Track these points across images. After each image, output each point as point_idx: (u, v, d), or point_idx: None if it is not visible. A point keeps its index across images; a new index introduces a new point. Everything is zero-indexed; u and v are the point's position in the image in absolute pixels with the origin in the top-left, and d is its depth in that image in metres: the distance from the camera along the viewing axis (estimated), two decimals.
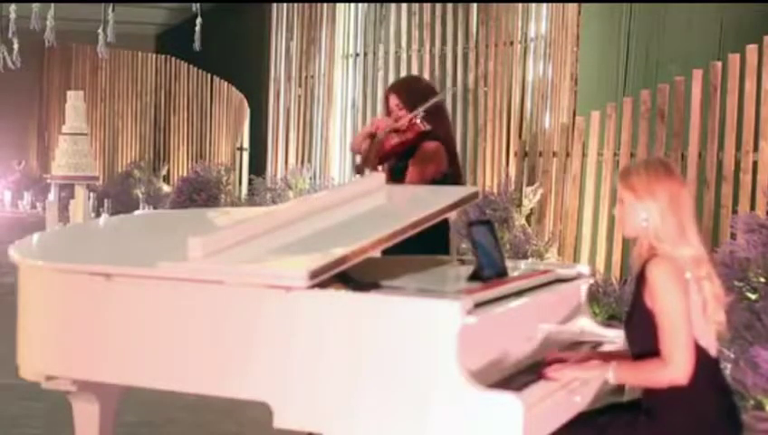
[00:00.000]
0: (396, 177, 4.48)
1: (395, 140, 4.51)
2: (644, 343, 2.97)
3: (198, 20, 12.58)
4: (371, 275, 3.17)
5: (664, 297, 2.89)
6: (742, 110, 7.30)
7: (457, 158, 4.71)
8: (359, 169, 4.62)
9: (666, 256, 2.94)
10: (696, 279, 2.97)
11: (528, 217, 8.47)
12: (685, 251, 2.96)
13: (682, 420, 2.94)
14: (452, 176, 4.50)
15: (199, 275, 3.00)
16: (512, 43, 10.58)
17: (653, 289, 2.92)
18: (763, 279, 5.96)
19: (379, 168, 4.61)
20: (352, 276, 3.06)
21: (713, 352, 3.02)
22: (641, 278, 2.98)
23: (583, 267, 3.73)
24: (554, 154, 8.55)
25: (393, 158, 4.56)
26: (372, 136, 4.54)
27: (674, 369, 2.88)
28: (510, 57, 10.58)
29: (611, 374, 3.00)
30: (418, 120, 4.46)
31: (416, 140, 4.47)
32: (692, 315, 2.93)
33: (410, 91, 4.65)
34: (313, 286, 2.83)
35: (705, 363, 2.95)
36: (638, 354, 3.03)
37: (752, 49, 7.24)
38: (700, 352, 2.94)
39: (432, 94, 4.65)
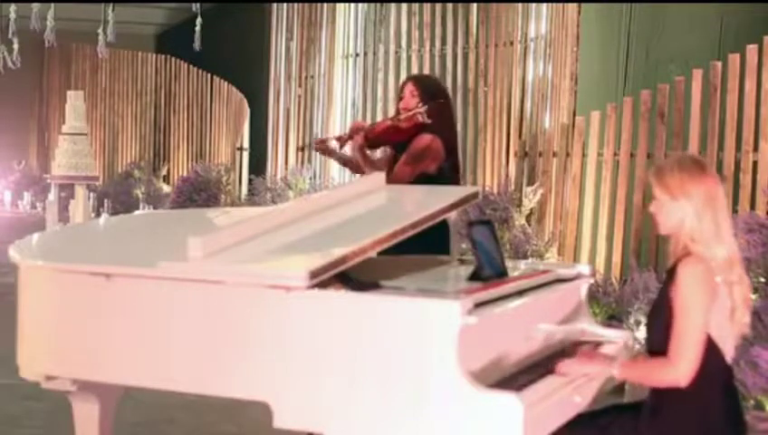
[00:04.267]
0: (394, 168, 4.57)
1: (387, 123, 4.66)
2: (661, 336, 2.95)
3: (198, 20, 12.57)
4: (371, 275, 3.17)
5: (687, 298, 2.87)
6: (742, 110, 7.30)
7: (457, 154, 4.74)
8: (340, 140, 4.86)
9: (699, 257, 2.92)
10: (727, 283, 2.94)
11: (528, 217, 8.47)
12: (719, 252, 2.93)
13: (686, 422, 2.93)
14: (448, 171, 4.53)
15: (199, 275, 3.00)
16: (512, 43, 10.58)
17: (680, 287, 2.89)
18: (763, 279, 5.96)
19: (373, 152, 4.71)
20: (352, 276, 3.06)
21: (728, 358, 3.00)
22: (672, 274, 2.96)
23: (583, 267, 3.73)
24: (554, 154, 8.55)
25: (385, 144, 4.65)
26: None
27: (677, 370, 2.87)
28: (510, 57, 10.58)
29: (616, 370, 3.00)
30: (419, 112, 4.52)
31: (411, 131, 4.54)
32: (717, 319, 2.91)
33: (428, 84, 4.81)
34: (313, 286, 2.83)
35: (718, 368, 2.95)
36: (654, 348, 3.01)
37: (752, 49, 7.24)
38: (716, 356, 2.93)
39: (443, 94, 4.78)
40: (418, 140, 4.51)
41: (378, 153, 5.26)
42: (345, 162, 5.10)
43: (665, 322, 2.93)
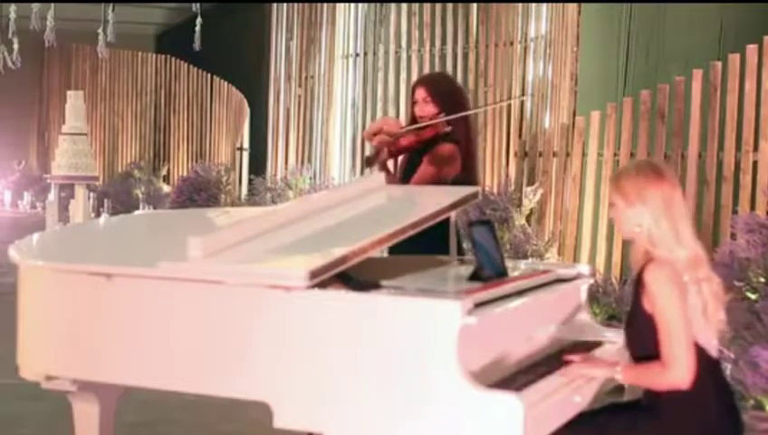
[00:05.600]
0: (408, 172, 4.38)
1: (412, 138, 4.36)
2: (643, 346, 2.97)
3: (198, 20, 12.58)
4: (371, 275, 3.16)
5: (662, 302, 2.89)
6: (742, 110, 7.30)
7: (475, 164, 4.55)
8: (368, 162, 4.49)
9: (662, 261, 2.94)
10: (694, 281, 2.96)
11: (528, 217, 8.47)
12: (680, 254, 2.95)
13: (683, 419, 2.94)
14: (465, 181, 4.37)
15: (199, 275, 3.00)
16: (512, 43, 10.59)
17: (651, 294, 2.91)
18: (762, 279, 5.96)
19: (389, 162, 4.54)
20: (352, 276, 3.06)
21: (713, 352, 3.02)
22: (639, 283, 2.98)
23: (583, 267, 3.73)
24: (554, 154, 8.55)
25: (405, 153, 4.46)
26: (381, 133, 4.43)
27: (675, 373, 2.88)
28: (510, 57, 10.58)
29: (619, 375, 3.01)
30: (439, 122, 4.31)
31: (432, 139, 4.33)
32: (692, 317, 2.93)
33: (440, 86, 4.52)
34: (313, 286, 2.83)
35: (705, 363, 2.96)
36: (637, 358, 3.03)
37: (752, 49, 7.24)
38: (700, 353, 2.94)
39: (460, 96, 4.56)
40: (442, 146, 4.33)
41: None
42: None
43: (643, 331, 2.95)
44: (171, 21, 19.55)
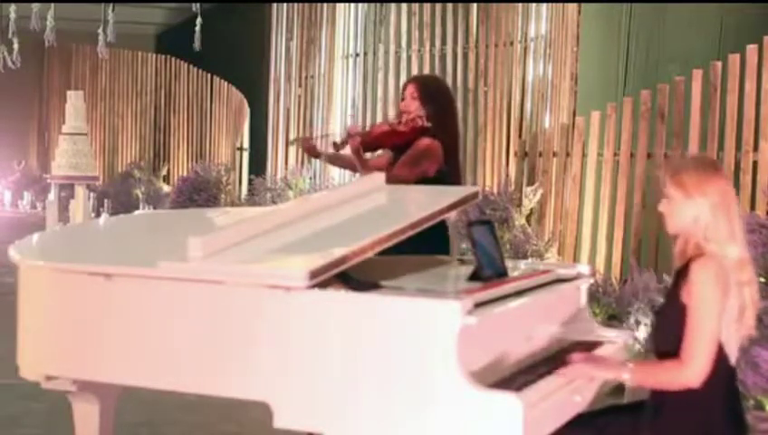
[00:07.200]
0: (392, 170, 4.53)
1: (385, 127, 4.60)
2: (673, 338, 2.91)
3: (198, 20, 12.59)
4: (371, 275, 3.16)
5: (702, 299, 2.85)
6: (742, 110, 7.30)
7: (458, 157, 4.72)
8: (336, 146, 4.74)
9: (713, 257, 2.91)
10: (738, 283, 2.93)
11: (528, 217, 8.47)
12: (732, 251, 2.93)
13: (687, 423, 2.92)
14: (448, 175, 4.50)
15: (199, 275, 3.00)
16: (512, 43, 10.59)
17: (693, 287, 2.87)
18: (763, 279, 5.96)
19: (368, 155, 4.70)
20: (352, 276, 3.06)
21: (733, 359, 2.98)
22: (683, 275, 2.93)
23: (583, 267, 3.72)
24: (554, 154, 8.55)
25: (382, 147, 4.64)
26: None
27: (690, 372, 2.85)
28: (510, 57, 10.58)
29: (628, 376, 2.96)
30: (419, 116, 4.50)
31: (410, 134, 4.51)
32: (726, 320, 2.90)
33: (428, 85, 4.76)
34: (313, 286, 2.83)
35: (723, 369, 2.93)
36: (662, 350, 2.99)
37: (752, 49, 7.24)
38: (721, 358, 2.91)
39: (447, 96, 4.77)
40: (417, 143, 4.49)
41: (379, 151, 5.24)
42: (333, 161, 5.09)
43: (675, 323, 2.91)
44: (171, 21, 19.56)
